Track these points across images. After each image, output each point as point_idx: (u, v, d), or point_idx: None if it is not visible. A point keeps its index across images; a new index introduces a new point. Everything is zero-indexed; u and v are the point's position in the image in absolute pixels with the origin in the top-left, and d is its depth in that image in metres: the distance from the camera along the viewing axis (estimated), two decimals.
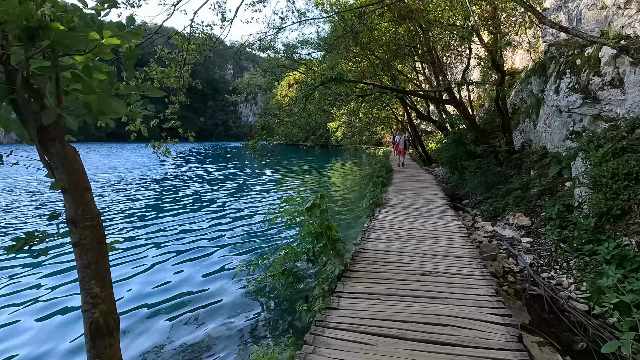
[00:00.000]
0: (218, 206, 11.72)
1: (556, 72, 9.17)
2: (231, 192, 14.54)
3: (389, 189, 10.25)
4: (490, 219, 8.23)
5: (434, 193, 9.70)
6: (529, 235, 6.68)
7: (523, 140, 11.03)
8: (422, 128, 32.77)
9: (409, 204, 7.96)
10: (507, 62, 19.76)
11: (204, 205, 11.87)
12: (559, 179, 7.80)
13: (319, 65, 15.86)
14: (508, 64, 20.05)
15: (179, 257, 6.61)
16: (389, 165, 15.43)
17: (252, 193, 14.37)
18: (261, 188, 15.78)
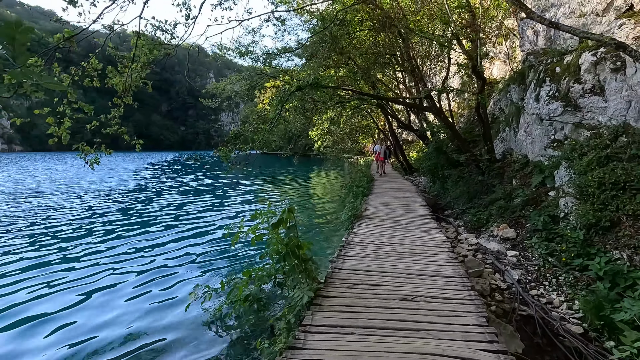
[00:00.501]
0: (189, 220, 10.95)
1: (535, 80, 9.06)
2: (206, 204, 13.75)
3: (370, 199, 9.82)
4: (474, 230, 7.90)
5: (415, 203, 9.33)
6: (514, 248, 6.33)
7: (504, 149, 10.89)
8: (404, 137, 32.89)
9: (390, 216, 7.53)
10: (485, 72, 20.04)
11: (173, 219, 11.07)
12: (543, 188, 7.57)
13: (299, 75, 15.51)
14: (486, 74, 20.34)
15: (133, 281, 5.87)
16: (370, 175, 15.09)
17: (229, 206, 13.63)
18: (239, 199, 15.03)
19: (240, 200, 14.74)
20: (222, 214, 11.94)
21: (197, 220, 10.92)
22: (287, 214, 3.74)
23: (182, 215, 11.64)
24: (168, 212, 12.08)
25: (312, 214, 11.93)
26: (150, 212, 12.19)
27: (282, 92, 8.85)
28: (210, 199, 15.29)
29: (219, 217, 11.45)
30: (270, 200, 13.22)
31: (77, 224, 10.45)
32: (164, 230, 9.80)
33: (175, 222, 10.71)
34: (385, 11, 11.03)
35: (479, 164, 9.95)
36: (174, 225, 10.38)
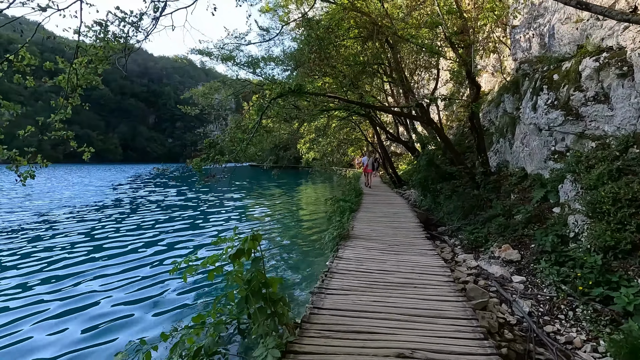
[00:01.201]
0: (158, 243, 9.82)
1: (532, 89, 8.57)
2: (184, 223, 12.66)
3: (358, 215, 9.06)
4: (472, 250, 7.18)
5: (407, 220, 8.61)
6: (520, 272, 5.62)
7: (498, 161, 10.34)
8: (392, 150, 32.54)
9: (380, 235, 6.76)
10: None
11: (140, 243, 9.90)
12: (545, 204, 6.94)
13: (284, 86, 14.79)
14: None
15: (59, 324, 4.91)
16: (359, 188, 14.38)
17: (209, 224, 12.57)
18: (222, 217, 13.95)
19: (223, 218, 13.68)
20: (199, 234, 10.90)
21: (168, 244, 9.90)
22: (250, 243, 2.93)
23: (151, 237, 10.52)
24: (136, 235, 10.95)
25: (297, 233, 11.07)
26: (116, 235, 11.10)
27: (262, 99, 8.13)
28: (190, 215, 14.26)
29: (194, 239, 10.46)
30: (236, 226, 12.37)
31: (29, 248, 9.35)
32: (124, 256, 8.76)
33: (142, 246, 9.63)
34: (372, 18, 10.54)
35: (474, 177, 9.34)
36: (139, 249, 9.36)
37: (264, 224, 12.72)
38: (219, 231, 11.27)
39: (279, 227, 12.22)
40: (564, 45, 8.16)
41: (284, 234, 10.98)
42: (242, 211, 15.94)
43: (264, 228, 12.06)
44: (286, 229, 11.80)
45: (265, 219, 13.57)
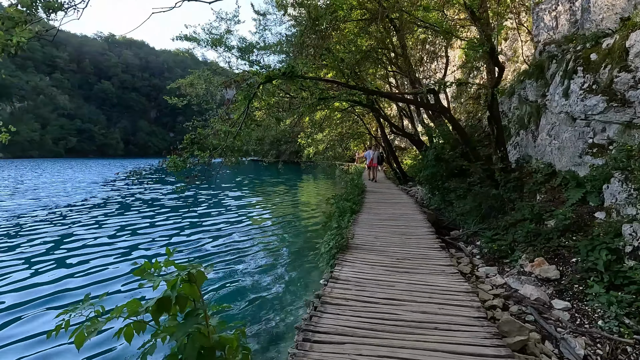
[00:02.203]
0: (135, 255, 8.76)
1: (562, 72, 7.39)
2: (173, 227, 11.46)
3: (360, 217, 7.96)
4: (494, 261, 6.07)
5: (416, 224, 7.50)
6: (561, 295, 4.51)
7: (518, 156, 9.17)
8: (396, 144, 31.31)
9: (386, 245, 5.66)
10: (483, 77, 18.51)
11: (119, 251, 8.89)
12: (584, 207, 5.81)
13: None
14: (484, 78, 18.81)
15: None
16: (361, 185, 13.26)
17: (201, 228, 11.34)
18: (215, 221, 12.50)
19: (213, 222, 12.43)
20: (189, 244, 9.69)
21: (143, 257, 8.86)
22: (186, 287, 1.84)
23: (128, 247, 9.43)
24: (114, 241, 9.88)
25: (294, 240, 9.99)
26: (96, 238, 10.08)
27: (249, 85, 7.02)
28: (180, 219, 13.17)
29: (183, 249, 9.39)
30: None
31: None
32: (105, 268, 7.74)
33: (115, 259, 8.56)
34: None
35: (492, 174, 8.19)
36: (120, 259, 8.34)
37: (257, 227, 11.65)
38: (204, 239, 10.21)
39: (274, 230, 11.16)
40: (602, 20, 6.94)
41: (279, 239, 9.92)
42: (237, 211, 14.89)
43: (257, 231, 11.01)
44: (283, 233, 10.74)
45: (261, 220, 12.50)
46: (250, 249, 8.95)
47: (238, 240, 9.73)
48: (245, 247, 9.06)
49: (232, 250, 8.81)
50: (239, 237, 10.02)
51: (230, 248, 8.96)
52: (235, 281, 6.73)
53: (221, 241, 9.62)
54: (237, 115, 7.23)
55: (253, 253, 8.54)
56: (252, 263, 7.84)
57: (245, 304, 5.62)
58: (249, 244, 9.38)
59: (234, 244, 9.40)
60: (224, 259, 8.10)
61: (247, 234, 10.44)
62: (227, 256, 8.32)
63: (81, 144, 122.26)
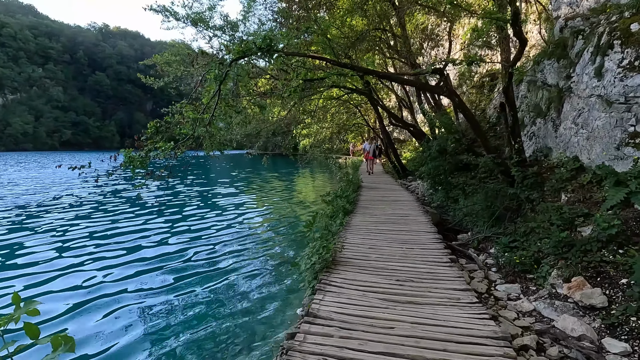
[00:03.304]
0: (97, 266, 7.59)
1: (592, 49, 6.22)
2: (156, 231, 10.09)
3: (353, 219, 6.86)
4: (515, 276, 4.99)
5: (418, 227, 6.39)
6: (614, 330, 3.42)
7: (535, 148, 8.05)
8: (395, 136, 30.15)
9: (383, 259, 4.56)
10: (488, 63, 17.27)
11: (82, 263, 7.75)
12: (628, 211, 4.70)
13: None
14: (487, 65, 17.58)
15: None
16: (357, 180, 12.14)
17: (185, 234, 9.79)
18: (197, 224, 10.83)
19: (201, 224, 10.96)
20: (165, 251, 8.50)
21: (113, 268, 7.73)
22: None
23: (97, 257, 8.27)
24: (87, 247, 8.76)
25: (279, 249, 8.87)
26: (65, 241, 8.96)
27: (218, 64, 5.84)
28: (164, 217, 12.00)
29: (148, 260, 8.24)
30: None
31: None
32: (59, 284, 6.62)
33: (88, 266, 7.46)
34: None
35: (507, 169, 7.07)
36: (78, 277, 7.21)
37: (245, 229, 10.52)
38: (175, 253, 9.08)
39: (263, 232, 10.03)
40: None
41: (268, 243, 8.77)
42: (225, 211, 13.76)
43: (243, 234, 9.90)
44: (273, 235, 9.61)
45: (250, 222, 11.34)
46: (231, 256, 7.84)
47: (219, 244, 8.63)
48: (226, 254, 7.95)
49: (208, 258, 7.70)
50: (220, 241, 8.90)
51: (208, 256, 7.85)
52: (202, 301, 5.62)
53: (198, 247, 8.50)
54: (206, 98, 6.06)
55: (234, 262, 7.43)
56: (230, 275, 6.74)
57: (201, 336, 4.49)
58: (232, 249, 8.28)
59: (214, 250, 8.29)
60: (196, 271, 6.99)
61: (231, 237, 9.33)
62: (200, 267, 7.22)
63: (76, 136, 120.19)
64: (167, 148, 5.71)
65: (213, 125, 6.78)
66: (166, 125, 6.21)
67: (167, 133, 6.24)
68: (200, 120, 6.37)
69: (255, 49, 5.64)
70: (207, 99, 6.16)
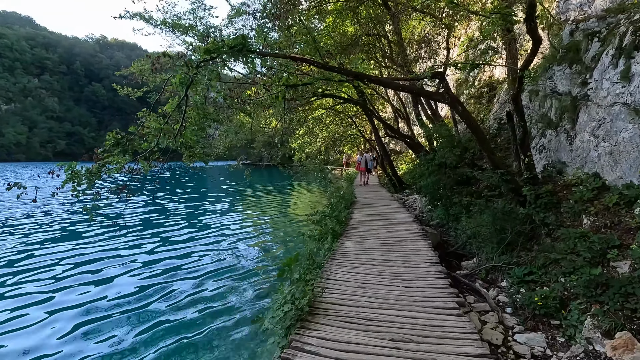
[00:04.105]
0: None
1: (613, 51, 5.48)
2: (131, 257, 8.91)
3: (342, 245, 5.95)
4: (537, 320, 4.09)
5: (418, 256, 5.50)
6: None
7: (546, 163, 7.23)
8: (391, 147, 29.45)
9: (374, 305, 3.65)
10: (485, 73, 16.68)
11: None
12: None
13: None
14: (485, 75, 17.00)
15: None
16: (350, 196, 11.27)
17: (153, 266, 8.42)
18: (178, 252, 9.24)
19: (191, 251, 9.70)
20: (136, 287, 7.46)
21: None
22: None
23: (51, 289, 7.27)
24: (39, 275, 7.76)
25: (264, 281, 7.92)
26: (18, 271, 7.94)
27: (185, 64, 5.02)
28: (133, 242, 10.94)
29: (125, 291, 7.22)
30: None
31: None
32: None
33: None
34: None
35: (518, 186, 6.23)
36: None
37: (217, 260, 9.53)
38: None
39: (241, 263, 9.02)
40: None
41: (243, 275, 7.77)
42: (209, 231, 12.80)
43: (224, 258, 8.95)
44: (249, 269, 8.62)
45: (227, 251, 10.33)
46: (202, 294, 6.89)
47: (195, 278, 7.66)
48: (199, 292, 7.00)
49: (180, 296, 6.73)
50: (197, 273, 7.92)
51: (178, 294, 6.86)
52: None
53: (166, 283, 7.52)
54: (169, 106, 5.21)
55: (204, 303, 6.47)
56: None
57: None
58: (209, 285, 7.33)
59: (194, 284, 7.33)
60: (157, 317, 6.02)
61: (211, 267, 8.37)
62: (165, 311, 6.25)
63: (70, 147, 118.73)
64: (121, 162, 4.84)
65: (186, 136, 5.94)
66: (128, 136, 5.34)
67: (129, 145, 5.36)
68: (167, 131, 5.52)
69: (225, 49, 4.84)
70: (170, 107, 5.31)
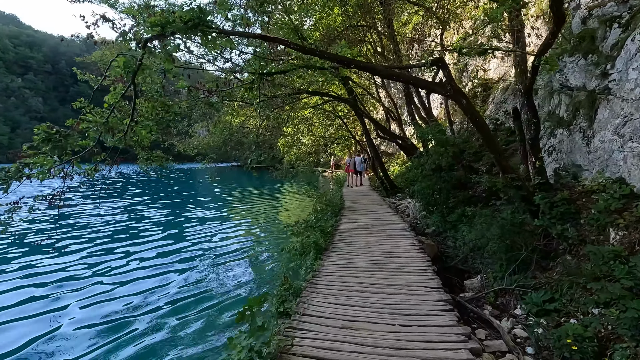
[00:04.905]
0: None
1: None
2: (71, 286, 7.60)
3: (326, 263, 5.02)
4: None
5: (414, 276, 4.60)
6: None
7: (557, 166, 6.42)
8: (383, 149, 28.70)
9: (364, 358, 2.73)
10: (480, 73, 15.98)
11: None
12: None
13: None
14: (481, 75, 16.32)
15: None
16: (339, 201, 10.36)
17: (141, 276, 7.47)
18: (151, 271, 7.79)
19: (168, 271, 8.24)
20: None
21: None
22: None
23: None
24: None
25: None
26: None
27: (129, 40, 4.05)
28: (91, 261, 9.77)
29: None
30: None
31: None
32: None
33: None
34: None
35: (529, 194, 5.38)
36: None
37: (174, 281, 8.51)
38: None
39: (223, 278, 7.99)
40: None
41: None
42: (188, 244, 11.75)
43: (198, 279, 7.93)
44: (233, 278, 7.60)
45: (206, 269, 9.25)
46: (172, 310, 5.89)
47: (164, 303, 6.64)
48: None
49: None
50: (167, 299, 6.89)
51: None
52: None
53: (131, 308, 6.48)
54: (112, 96, 4.23)
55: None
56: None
57: None
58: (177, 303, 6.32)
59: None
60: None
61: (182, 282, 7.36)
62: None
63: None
64: (47, 164, 3.85)
65: (139, 133, 4.96)
66: (63, 131, 4.32)
67: (63, 142, 4.34)
68: (114, 126, 4.55)
69: (178, 24, 3.88)
70: (113, 97, 4.33)
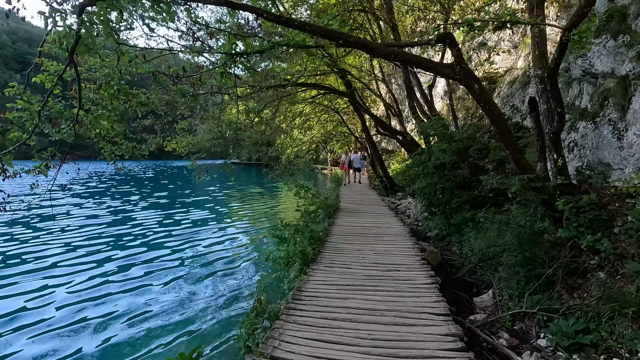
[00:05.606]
0: None
1: None
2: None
3: (311, 279, 4.25)
4: None
5: (415, 299, 3.82)
6: None
7: (580, 164, 5.61)
8: (383, 146, 27.87)
9: None
10: (485, 66, 15.11)
11: None
12: None
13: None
14: (486, 68, 15.46)
15: None
16: (334, 202, 9.58)
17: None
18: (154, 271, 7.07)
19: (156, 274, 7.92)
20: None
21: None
22: None
23: None
24: None
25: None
26: None
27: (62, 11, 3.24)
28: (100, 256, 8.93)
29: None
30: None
31: None
32: None
33: None
34: None
35: (551, 197, 4.58)
36: None
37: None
38: None
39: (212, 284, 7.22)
40: None
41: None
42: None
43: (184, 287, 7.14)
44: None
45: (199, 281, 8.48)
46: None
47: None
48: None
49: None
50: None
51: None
52: None
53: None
54: (46, 77, 3.45)
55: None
56: None
57: None
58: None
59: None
60: None
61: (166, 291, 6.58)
62: None
63: (53, 145, 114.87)
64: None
65: (100, 123, 4.31)
66: None
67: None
68: (58, 114, 3.84)
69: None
70: (49, 80, 3.54)
